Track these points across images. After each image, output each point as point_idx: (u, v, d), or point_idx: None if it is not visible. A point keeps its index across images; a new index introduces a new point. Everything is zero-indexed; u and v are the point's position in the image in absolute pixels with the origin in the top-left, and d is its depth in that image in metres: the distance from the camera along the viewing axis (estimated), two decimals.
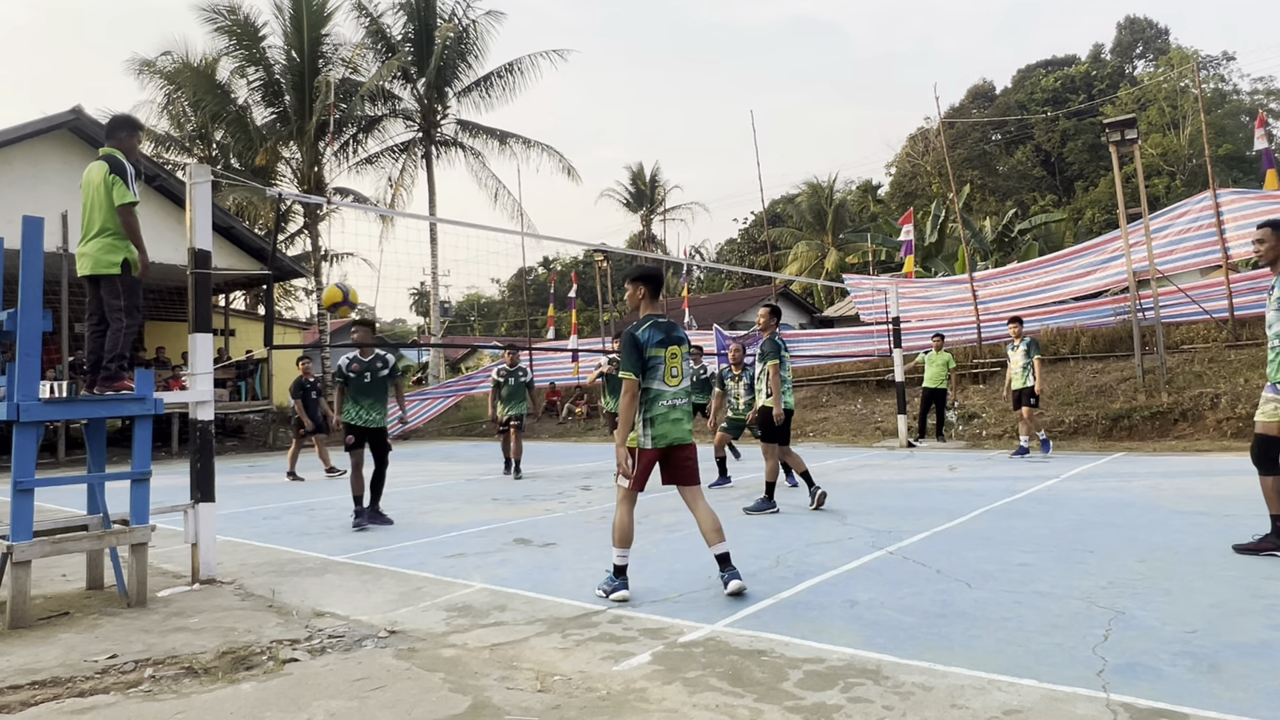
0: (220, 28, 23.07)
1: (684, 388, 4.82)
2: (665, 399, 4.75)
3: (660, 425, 4.74)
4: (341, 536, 7.16)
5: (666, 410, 4.75)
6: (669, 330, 4.87)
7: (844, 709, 3.02)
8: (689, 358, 4.96)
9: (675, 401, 4.79)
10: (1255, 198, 14.43)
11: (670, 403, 4.77)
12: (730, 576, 4.66)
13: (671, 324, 4.93)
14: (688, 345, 4.96)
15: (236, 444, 21.33)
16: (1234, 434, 12.14)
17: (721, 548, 4.74)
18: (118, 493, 5.56)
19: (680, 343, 4.90)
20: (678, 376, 4.80)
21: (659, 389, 4.76)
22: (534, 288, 48.43)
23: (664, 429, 4.74)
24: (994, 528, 6.42)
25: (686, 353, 4.92)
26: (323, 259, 26.23)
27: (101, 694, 3.45)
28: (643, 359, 4.74)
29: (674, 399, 4.78)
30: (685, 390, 4.83)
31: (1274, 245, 5.22)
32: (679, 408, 4.80)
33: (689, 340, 5.02)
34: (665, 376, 4.77)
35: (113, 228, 5.24)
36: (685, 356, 4.89)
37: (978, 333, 17.67)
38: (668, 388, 4.77)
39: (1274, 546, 5.16)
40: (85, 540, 4.94)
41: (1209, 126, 18.91)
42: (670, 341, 4.83)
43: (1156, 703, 2.95)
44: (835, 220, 41.67)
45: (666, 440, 4.75)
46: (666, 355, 4.80)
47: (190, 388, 5.67)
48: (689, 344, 4.98)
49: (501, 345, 12.31)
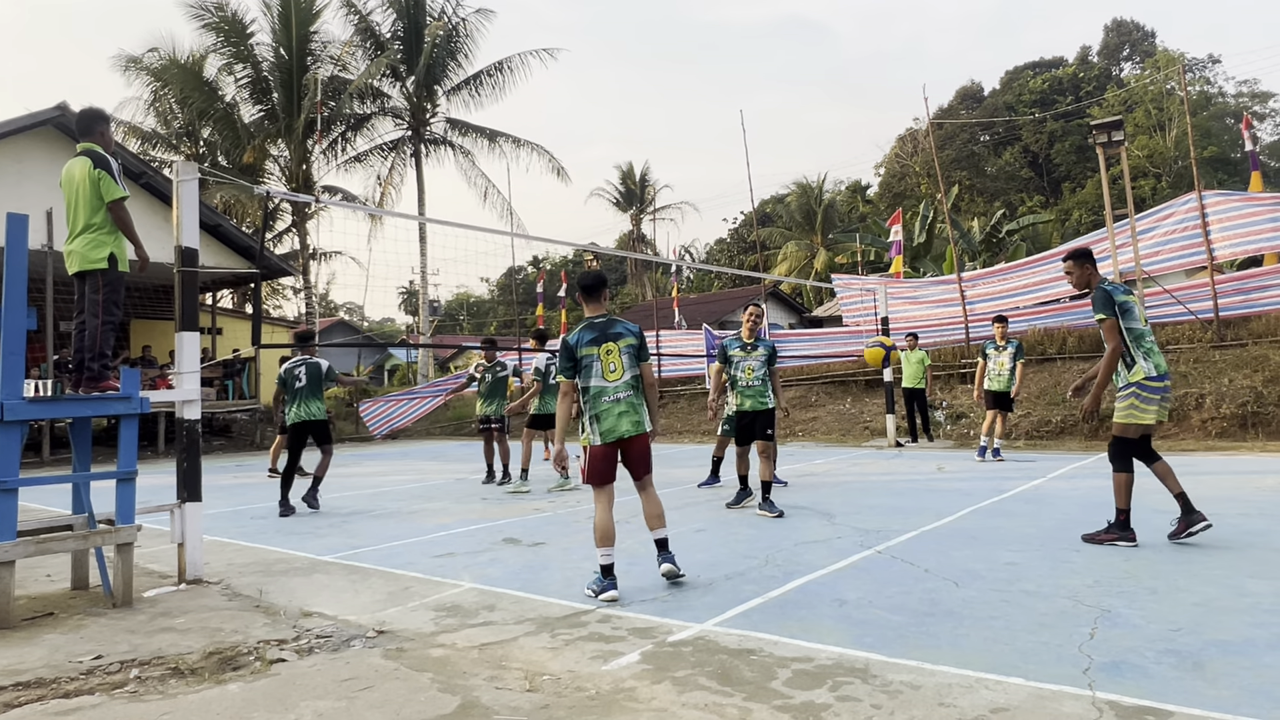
0: (207, 24, 22.95)
1: (625, 381, 4.90)
2: (607, 394, 4.88)
3: (606, 420, 4.86)
4: (329, 536, 7.13)
5: (610, 405, 4.88)
6: (604, 329, 4.98)
7: (832, 708, 3.03)
8: (628, 351, 4.96)
9: (617, 395, 4.89)
10: (1240, 199, 14.56)
11: (613, 397, 4.89)
12: (664, 559, 5.01)
13: (610, 322, 5.04)
14: (630, 339, 4.98)
15: (223, 443, 21.22)
16: (1219, 434, 12.25)
17: (661, 533, 5.05)
18: (103, 492, 5.52)
19: (617, 338, 4.97)
20: (616, 371, 4.89)
21: (599, 385, 4.89)
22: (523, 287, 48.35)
23: (610, 424, 4.86)
24: (981, 527, 6.45)
25: (627, 346, 4.95)
26: (311, 257, 26.11)
27: (86, 695, 3.43)
28: (574, 360, 4.90)
29: (615, 393, 4.89)
30: (628, 383, 4.91)
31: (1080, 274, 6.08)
32: (622, 400, 4.89)
33: (634, 334, 5.02)
34: (603, 373, 4.90)
35: (98, 223, 5.21)
36: (625, 351, 4.93)
37: (965, 333, 17.75)
38: (607, 383, 4.89)
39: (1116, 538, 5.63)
40: (70, 540, 4.90)
41: (1194, 129, 19.06)
42: (605, 339, 4.95)
43: (1142, 700, 2.97)
44: (824, 220, 41.77)
45: (615, 434, 4.86)
46: (600, 352, 4.91)
47: (177, 386, 5.63)
48: (633, 337, 5.00)
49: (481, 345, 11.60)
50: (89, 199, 5.17)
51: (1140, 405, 5.64)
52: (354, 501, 9.53)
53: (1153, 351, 5.69)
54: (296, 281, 28.32)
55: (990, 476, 9.62)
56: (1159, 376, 5.63)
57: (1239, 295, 14.89)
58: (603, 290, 5.18)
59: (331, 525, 7.73)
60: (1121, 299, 5.76)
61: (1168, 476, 5.65)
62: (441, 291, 53.67)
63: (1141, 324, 5.74)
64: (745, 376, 7.60)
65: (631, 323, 5.15)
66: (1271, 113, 44.48)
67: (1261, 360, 13.21)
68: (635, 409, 4.95)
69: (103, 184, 5.16)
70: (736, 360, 7.69)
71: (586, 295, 5.11)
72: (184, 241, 5.61)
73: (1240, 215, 14.25)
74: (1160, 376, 5.64)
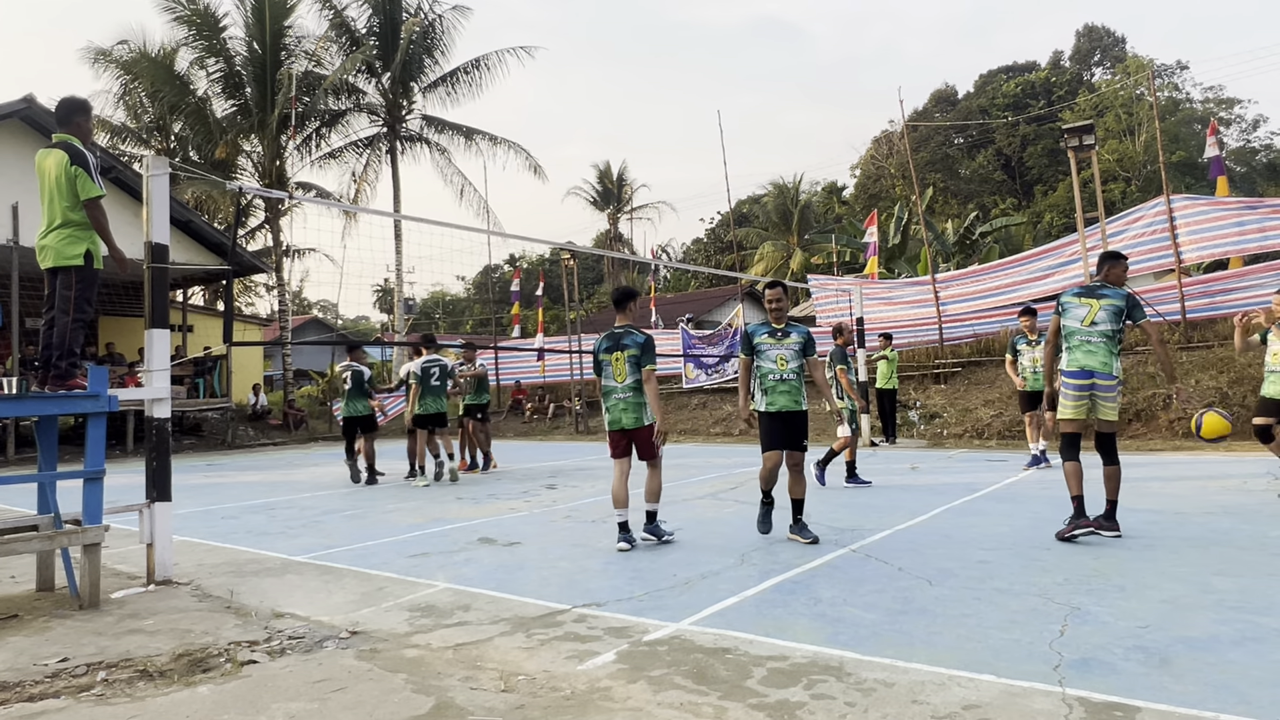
0: (179, 17, 22.62)
1: (628, 384, 6.10)
2: (616, 393, 6.17)
3: (612, 413, 6.20)
4: (302, 536, 7.06)
5: (615, 402, 6.17)
6: (618, 339, 6.19)
7: (807, 705, 3.04)
8: (631, 360, 6.09)
9: (622, 395, 6.14)
10: (1207, 204, 14.83)
11: (618, 396, 6.15)
12: (645, 528, 6.21)
13: (625, 332, 6.19)
14: (634, 349, 6.10)
15: (194, 442, 20.94)
16: (1185, 434, 12.46)
17: (650, 506, 6.23)
18: (70, 492, 5.42)
19: (624, 348, 6.13)
20: (621, 375, 6.12)
21: (609, 385, 6.21)
22: (499, 285, 48.16)
23: (614, 416, 6.19)
24: (954, 526, 6.52)
25: (630, 356, 6.08)
26: (284, 254, 25.83)
27: (52, 698, 3.37)
28: (596, 362, 6.28)
29: (620, 393, 6.14)
30: (629, 386, 6.10)
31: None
32: (623, 400, 6.13)
33: (638, 344, 6.11)
34: (613, 376, 6.18)
35: (75, 219, 5.10)
36: (629, 359, 6.08)
37: (940, 334, 17.93)
38: (615, 385, 6.17)
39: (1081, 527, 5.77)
40: (35, 541, 4.80)
41: (1163, 134, 19.37)
42: (616, 348, 6.16)
43: (1110, 696, 3.02)
44: (801, 221, 41.95)
45: (618, 425, 6.16)
46: (611, 359, 6.18)
47: (146, 384, 5.55)
48: (636, 347, 6.10)
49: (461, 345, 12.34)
50: (65, 194, 5.06)
51: (1063, 400, 5.93)
52: (327, 501, 9.44)
53: (1075, 349, 5.90)
54: (269, 279, 28.05)
55: (963, 475, 9.72)
56: (1074, 373, 5.85)
57: (1205, 298, 15.17)
58: (628, 303, 6.34)
59: (304, 525, 7.65)
60: (1065, 299, 6.08)
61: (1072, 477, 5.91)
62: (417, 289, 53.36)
63: (1076, 323, 5.92)
64: (777, 368, 6.20)
65: (641, 333, 6.21)
66: (1237, 119, 45.35)
67: (1227, 362, 13.46)
68: (635, 406, 6.11)
69: (79, 181, 5.05)
70: (765, 349, 6.25)
71: (615, 307, 6.37)
72: (154, 237, 5.53)
73: (1207, 219, 14.52)
74: (1075, 373, 5.84)
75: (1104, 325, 5.83)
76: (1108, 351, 5.82)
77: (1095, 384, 5.80)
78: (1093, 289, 6.01)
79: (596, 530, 6.86)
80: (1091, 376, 5.80)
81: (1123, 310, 5.86)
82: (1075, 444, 5.95)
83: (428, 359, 11.07)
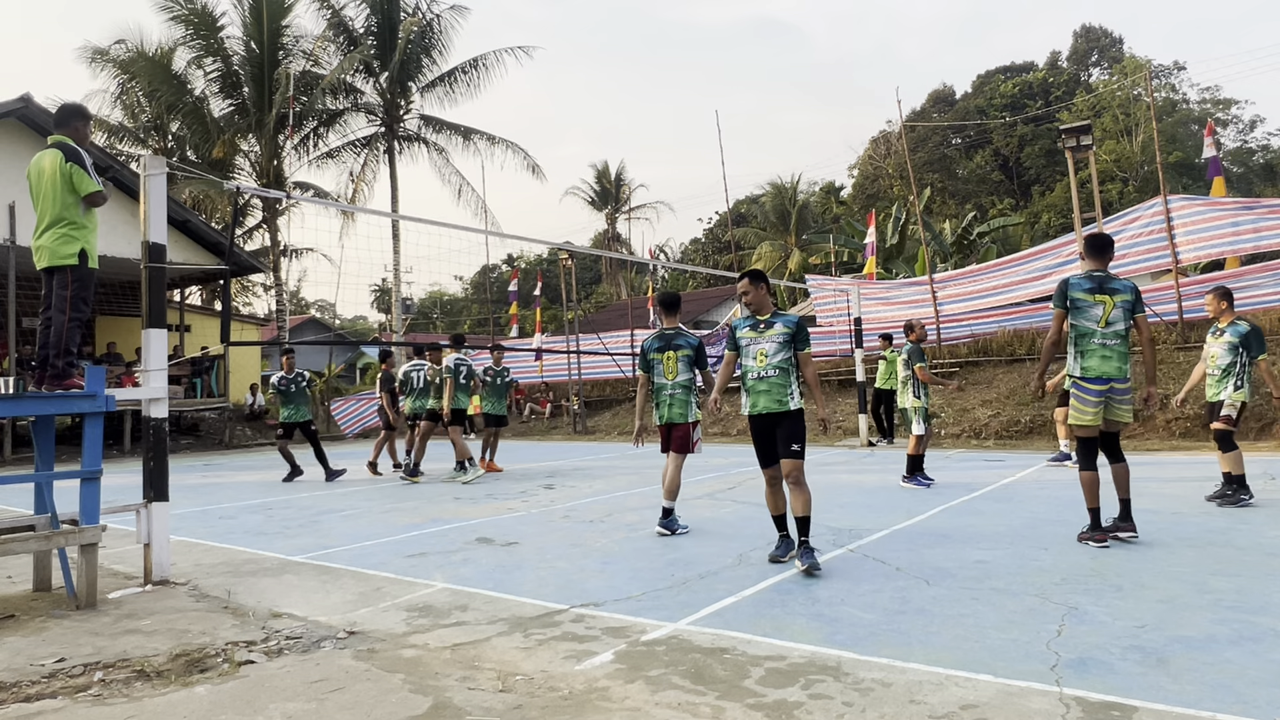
0: (176, 16, 22.60)
1: (678, 381, 6.66)
2: (666, 390, 6.73)
3: (660, 409, 6.77)
4: (299, 536, 7.05)
5: (665, 398, 6.74)
6: (669, 340, 6.74)
7: (804, 705, 3.04)
8: (684, 359, 6.66)
9: (669, 392, 6.71)
10: (1204, 204, 14.84)
11: (669, 392, 6.71)
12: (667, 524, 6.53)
13: (674, 334, 6.74)
14: (687, 350, 6.69)
15: (192, 442, 20.90)
16: (1182, 434, 12.49)
17: (667, 504, 6.56)
18: (67, 492, 5.41)
19: (676, 349, 6.69)
20: (672, 373, 6.67)
21: (660, 383, 6.74)
22: (497, 285, 48.14)
23: (661, 411, 6.76)
24: (952, 525, 6.52)
25: (681, 356, 6.65)
26: (282, 254, 25.81)
27: (49, 699, 3.36)
28: (646, 361, 6.78)
29: (670, 390, 6.71)
30: (680, 384, 6.66)
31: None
32: (672, 396, 6.70)
33: (690, 347, 6.71)
34: (664, 373, 6.73)
35: (69, 218, 5.10)
36: (680, 359, 6.64)
37: (937, 334, 17.93)
38: (665, 381, 6.72)
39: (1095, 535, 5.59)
40: (32, 541, 4.79)
41: (1160, 134, 19.40)
42: (667, 348, 6.71)
43: (1108, 696, 3.02)
44: (799, 221, 41.99)
45: (666, 419, 6.72)
46: (663, 358, 6.72)
47: (144, 384, 5.54)
48: (689, 349, 6.69)
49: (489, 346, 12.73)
50: (60, 193, 5.05)
51: (1078, 405, 5.72)
52: (325, 500, 9.44)
53: (1090, 353, 5.65)
54: (267, 278, 28.00)
55: (961, 476, 9.73)
56: (1092, 380, 5.62)
57: (1202, 298, 15.17)
58: (677, 308, 6.83)
59: (301, 525, 7.65)
60: (1076, 294, 5.69)
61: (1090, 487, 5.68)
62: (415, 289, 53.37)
63: (1092, 324, 5.63)
64: (757, 365, 5.44)
65: (694, 336, 6.81)
66: (1234, 119, 45.40)
67: None
68: (681, 403, 6.67)
69: (75, 177, 5.05)
70: (746, 344, 5.54)
71: (665, 310, 6.80)
72: (151, 237, 5.52)
73: (1204, 219, 14.54)
74: (1093, 380, 5.61)
75: (1118, 325, 5.60)
76: (1122, 355, 5.64)
77: (1113, 388, 5.62)
78: (1102, 282, 5.65)
79: (594, 530, 6.86)
80: (1109, 382, 5.60)
81: (1133, 306, 5.63)
82: (1095, 451, 5.74)
83: (458, 357, 11.47)
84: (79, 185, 5.06)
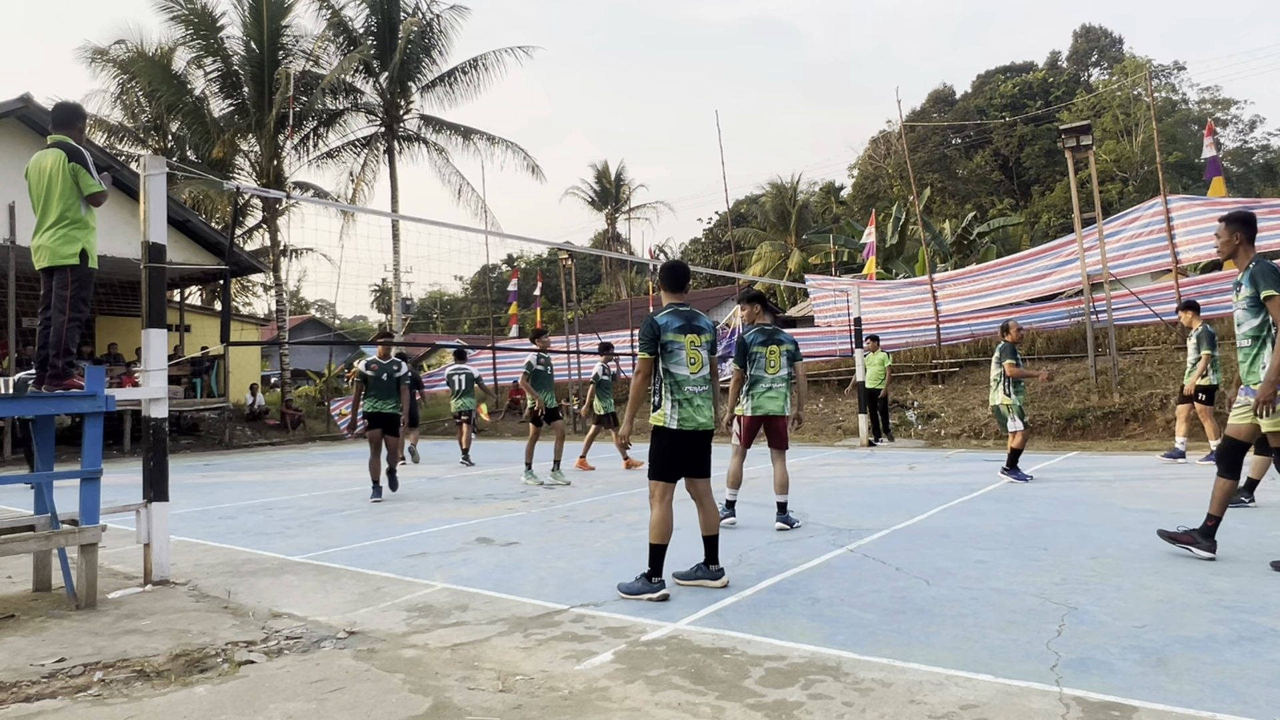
0: (176, 16, 22.57)
1: (781, 375, 5.99)
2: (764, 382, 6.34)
3: (756, 399, 6.39)
4: (299, 536, 7.05)
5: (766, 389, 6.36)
6: (771, 334, 6.34)
7: (804, 705, 3.04)
8: (787, 355, 6.10)
9: (774, 384, 6.33)
10: (1203, 204, 14.84)
11: (769, 385, 6.34)
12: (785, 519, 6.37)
13: (774, 329, 6.36)
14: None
15: (191, 442, 20.89)
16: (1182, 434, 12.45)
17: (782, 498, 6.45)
18: (67, 492, 5.41)
19: (780, 343, 6.28)
20: (775, 367, 6.00)
21: (758, 375, 6.29)
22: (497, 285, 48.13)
23: (759, 402, 6.37)
24: (952, 525, 6.52)
25: (785, 351, 6.05)
26: (281, 254, 25.80)
27: (49, 699, 3.36)
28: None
29: (773, 382, 6.33)
30: (781, 377, 6.01)
31: (1229, 240, 5.03)
32: (775, 389, 6.32)
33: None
34: (767, 366, 6.27)
35: (70, 218, 5.10)
36: (784, 354, 6.01)
37: (937, 334, 17.94)
38: (767, 375, 6.30)
39: (1193, 542, 5.12)
40: (32, 541, 4.80)
41: (1160, 134, 19.40)
42: (771, 341, 6.30)
43: (1107, 696, 3.02)
44: (799, 221, 41.99)
45: (763, 411, 6.37)
46: (767, 352, 6.29)
47: (144, 384, 5.54)
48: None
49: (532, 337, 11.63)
50: (61, 193, 5.06)
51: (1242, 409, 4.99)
52: (324, 500, 9.43)
53: (1241, 361, 4.99)
54: (267, 278, 27.98)
55: (960, 476, 9.73)
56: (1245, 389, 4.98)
57: (1202, 298, 15.13)
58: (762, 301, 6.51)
59: (301, 525, 7.65)
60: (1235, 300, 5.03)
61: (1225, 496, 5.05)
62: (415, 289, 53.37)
63: (1239, 330, 5.02)
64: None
65: None
66: (1234, 119, 45.40)
67: (1223, 362, 13.46)
68: (784, 396, 6.40)
69: (80, 177, 5.06)
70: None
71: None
72: (151, 237, 5.52)
73: (1204, 219, 14.53)
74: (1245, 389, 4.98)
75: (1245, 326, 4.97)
76: None
77: None
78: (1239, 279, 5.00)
79: (594, 530, 6.86)
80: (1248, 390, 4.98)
81: None
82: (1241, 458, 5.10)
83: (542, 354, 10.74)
84: (84, 185, 5.07)
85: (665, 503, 4.73)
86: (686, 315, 4.86)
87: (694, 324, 4.85)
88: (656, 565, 4.67)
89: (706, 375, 4.86)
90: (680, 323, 4.81)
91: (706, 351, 4.89)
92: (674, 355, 4.77)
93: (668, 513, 4.72)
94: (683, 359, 4.77)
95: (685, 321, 4.83)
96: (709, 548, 4.89)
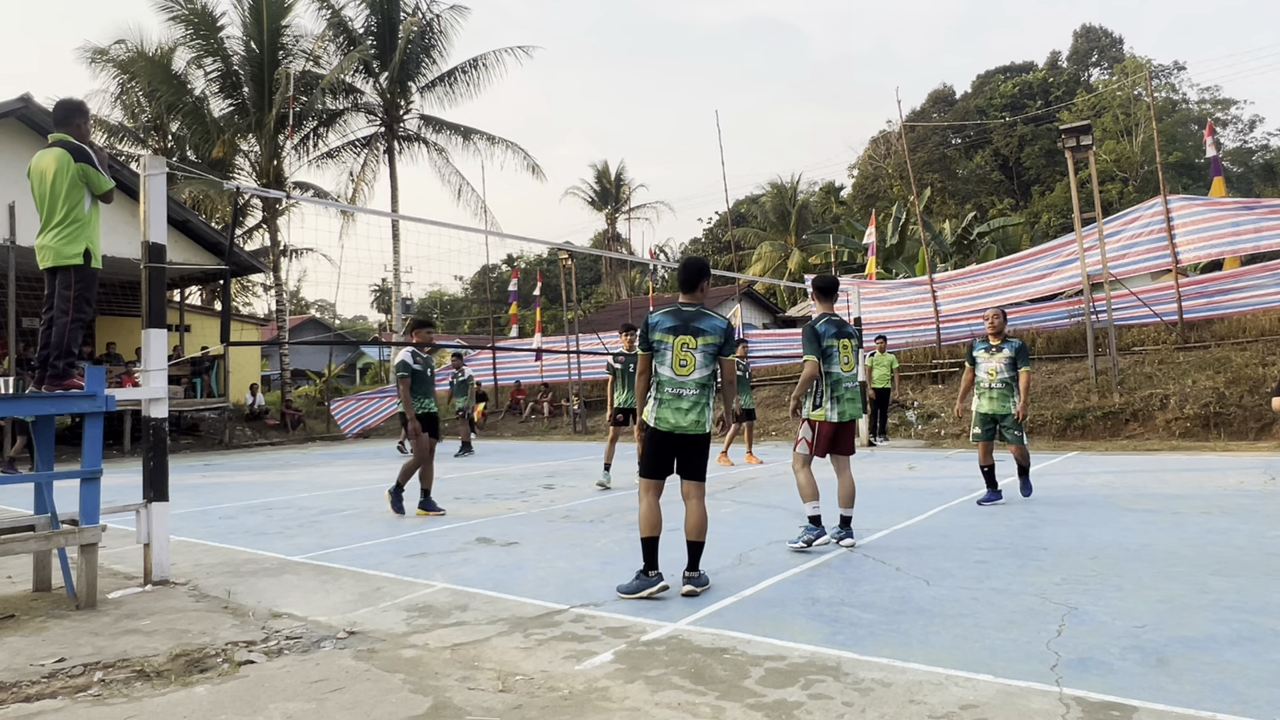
0: (176, 16, 22.57)
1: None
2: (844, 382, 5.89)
3: (840, 404, 5.91)
4: (299, 536, 7.05)
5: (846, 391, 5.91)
6: (842, 326, 5.86)
7: (804, 705, 3.04)
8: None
9: (851, 384, 5.90)
10: (1203, 204, 14.85)
11: (849, 385, 5.90)
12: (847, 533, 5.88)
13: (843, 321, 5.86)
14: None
15: (191, 442, 20.90)
16: (1182, 434, 12.47)
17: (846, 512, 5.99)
18: (67, 492, 5.41)
19: (850, 337, 5.86)
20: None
21: (838, 374, 5.87)
22: (497, 285, 48.13)
23: (843, 407, 5.91)
24: (952, 525, 6.52)
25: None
26: (281, 254, 25.81)
27: (49, 699, 3.36)
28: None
29: (850, 382, 5.90)
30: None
31: None
32: (851, 389, 5.90)
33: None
34: (842, 363, 5.87)
35: (74, 218, 5.09)
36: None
37: (937, 334, 17.94)
38: (844, 374, 5.88)
39: None
40: (32, 541, 4.80)
41: (1160, 134, 19.40)
42: (841, 335, 5.87)
43: (1107, 696, 3.02)
44: (799, 221, 42.00)
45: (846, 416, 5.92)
46: (839, 345, 5.86)
47: (144, 384, 5.54)
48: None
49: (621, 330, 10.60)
50: (65, 192, 5.04)
51: None
52: (324, 500, 9.43)
53: None
54: (267, 278, 27.98)
55: (960, 476, 9.72)
56: None
57: (1202, 298, 15.20)
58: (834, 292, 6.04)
59: (301, 525, 7.65)
60: None
61: None
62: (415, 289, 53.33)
63: None
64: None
65: None
66: (1234, 119, 45.39)
67: (1224, 362, 13.49)
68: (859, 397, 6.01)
69: (89, 176, 5.05)
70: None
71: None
72: (151, 237, 5.52)
73: (1204, 220, 14.54)
74: None
75: None
76: None
77: None
78: None
79: (594, 530, 6.86)
80: None
81: None
82: None
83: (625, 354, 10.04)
84: (95, 185, 5.07)
85: (650, 497, 4.75)
86: (686, 316, 4.74)
87: (691, 325, 4.71)
88: (649, 558, 4.69)
89: (701, 379, 4.69)
90: (673, 323, 4.72)
91: (707, 354, 4.71)
92: (660, 355, 4.72)
93: (652, 507, 4.72)
94: (668, 359, 4.69)
95: (681, 322, 4.72)
96: (690, 553, 4.78)
